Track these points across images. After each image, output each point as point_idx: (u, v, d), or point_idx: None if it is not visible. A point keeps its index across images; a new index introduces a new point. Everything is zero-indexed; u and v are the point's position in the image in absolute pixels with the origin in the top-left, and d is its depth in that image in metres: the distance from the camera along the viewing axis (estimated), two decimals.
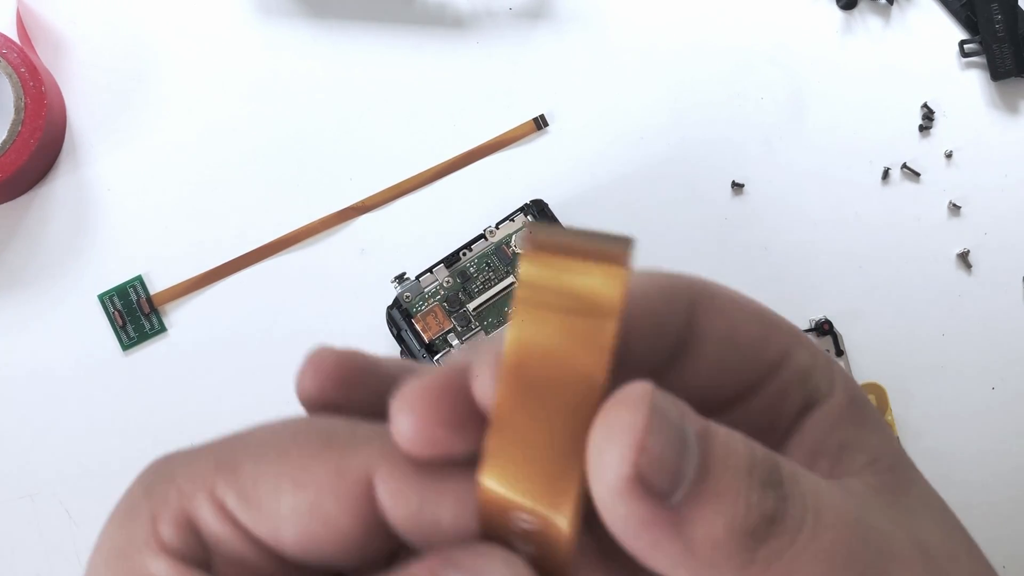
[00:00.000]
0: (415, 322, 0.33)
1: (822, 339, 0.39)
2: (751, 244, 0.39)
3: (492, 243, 0.35)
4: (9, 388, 0.37)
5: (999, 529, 0.38)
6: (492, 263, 0.34)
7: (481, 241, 0.35)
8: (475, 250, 0.35)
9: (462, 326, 0.34)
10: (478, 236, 0.35)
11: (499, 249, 0.35)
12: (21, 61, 0.37)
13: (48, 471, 0.37)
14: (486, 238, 0.35)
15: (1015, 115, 0.41)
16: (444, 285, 0.34)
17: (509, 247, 0.35)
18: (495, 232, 0.35)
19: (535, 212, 0.35)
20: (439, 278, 0.34)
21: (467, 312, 0.34)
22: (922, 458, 0.40)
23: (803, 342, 0.17)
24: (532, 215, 0.35)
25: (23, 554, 0.37)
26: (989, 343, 0.39)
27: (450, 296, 0.34)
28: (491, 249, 0.35)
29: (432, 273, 0.34)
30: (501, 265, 0.34)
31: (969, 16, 0.41)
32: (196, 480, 0.14)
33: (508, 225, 0.35)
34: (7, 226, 0.38)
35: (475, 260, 0.34)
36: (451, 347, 0.33)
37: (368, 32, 0.40)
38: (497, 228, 0.35)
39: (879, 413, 0.17)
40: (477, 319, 0.34)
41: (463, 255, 0.34)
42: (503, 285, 0.34)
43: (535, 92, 0.40)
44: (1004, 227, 0.40)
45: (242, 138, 0.39)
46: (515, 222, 0.35)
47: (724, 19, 0.41)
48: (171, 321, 0.38)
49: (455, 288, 0.34)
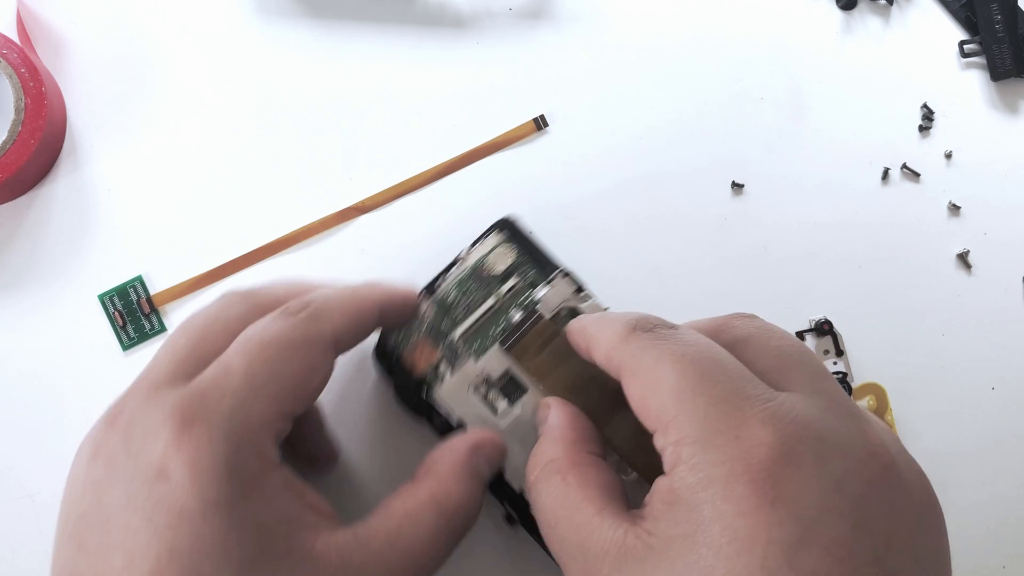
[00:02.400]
0: (403, 360, 0.33)
1: (822, 339, 0.39)
2: (751, 244, 0.39)
3: (467, 267, 0.34)
4: (9, 388, 0.37)
5: (999, 529, 0.38)
6: (470, 287, 0.34)
7: (456, 266, 0.34)
8: (451, 277, 0.34)
9: (449, 355, 0.33)
10: (452, 261, 0.34)
11: (475, 272, 0.34)
12: (21, 61, 0.37)
13: (48, 471, 0.37)
14: (460, 263, 0.34)
15: (1015, 115, 0.41)
16: (426, 316, 0.33)
17: (484, 268, 0.34)
18: (469, 256, 0.34)
19: (507, 231, 0.34)
20: (420, 310, 0.33)
21: (453, 341, 0.33)
22: (922, 458, 0.40)
23: (694, 417, 0.23)
24: (503, 234, 0.34)
25: (23, 554, 0.37)
26: (989, 343, 0.39)
27: (433, 327, 0.33)
28: (467, 273, 0.34)
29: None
30: (480, 288, 0.34)
31: (969, 16, 0.41)
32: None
33: (481, 246, 0.34)
34: (7, 226, 0.38)
35: (453, 287, 0.34)
36: (443, 379, 0.32)
37: (368, 32, 0.40)
38: (470, 251, 0.34)
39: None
40: (465, 345, 0.33)
41: (439, 284, 0.34)
42: (485, 307, 0.33)
43: (535, 92, 0.40)
44: (1004, 227, 0.40)
45: (242, 138, 0.39)
46: (487, 242, 0.34)
47: (724, 19, 0.41)
48: (171, 321, 0.38)
49: (437, 317, 0.33)
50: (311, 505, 0.27)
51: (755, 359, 0.26)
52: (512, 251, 0.34)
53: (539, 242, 0.34)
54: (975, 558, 0.38)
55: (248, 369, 0.26)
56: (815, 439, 0.23)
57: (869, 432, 0.24)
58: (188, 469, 0.24)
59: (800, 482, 0.22)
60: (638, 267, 0.39)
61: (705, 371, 0.24)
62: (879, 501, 0.22)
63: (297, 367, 0.27)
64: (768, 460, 0.22)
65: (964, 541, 0.38)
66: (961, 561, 0.38)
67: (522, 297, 0.33)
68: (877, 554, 0.22)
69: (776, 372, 0.25)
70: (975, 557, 0.38)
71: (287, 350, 0.27)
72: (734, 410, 0.23)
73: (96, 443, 0.26)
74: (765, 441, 0.22)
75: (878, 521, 0.22)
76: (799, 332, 0.39)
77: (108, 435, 0.26)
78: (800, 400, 0.24)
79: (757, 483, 0.22)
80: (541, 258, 0.34)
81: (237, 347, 0.27)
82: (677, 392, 0.24)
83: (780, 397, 0.24)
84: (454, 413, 0.32)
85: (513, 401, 0.32)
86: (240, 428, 0.25)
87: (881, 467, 0.23)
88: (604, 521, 0.25)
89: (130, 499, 0.24)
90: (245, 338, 0.28)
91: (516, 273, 0.34)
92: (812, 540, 0.21)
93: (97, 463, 0.26)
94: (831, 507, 0.22)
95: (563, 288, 0.34)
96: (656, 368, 0.25)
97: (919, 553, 0.23)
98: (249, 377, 0.26)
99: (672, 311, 0.39)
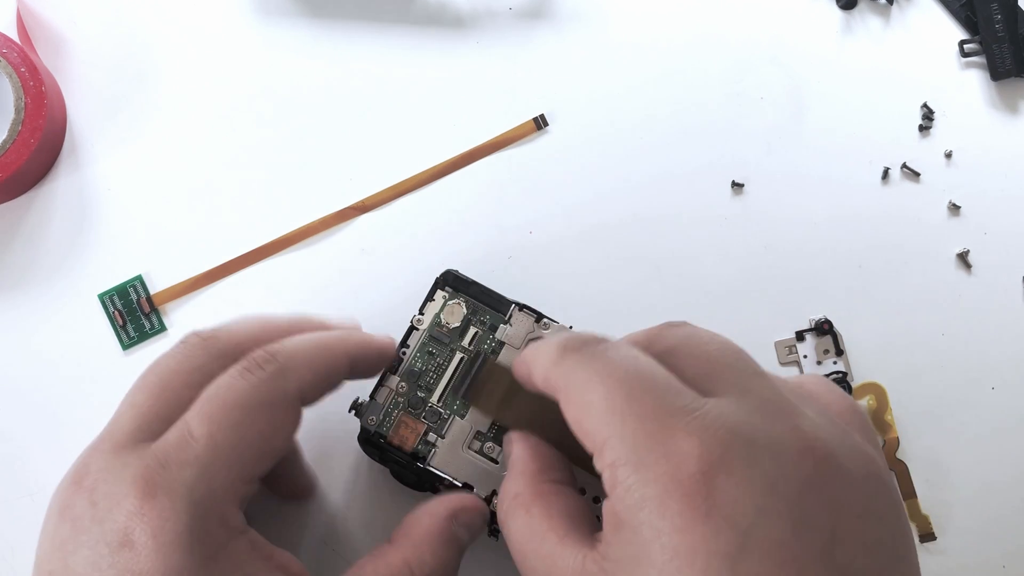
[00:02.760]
0: (391, 442, 0.32)
1: (822, 339, 0.39)
2: (751, 244, 0.39)
3: (425, 331, 0.33)
4: (9, 388, 0.37)
5: (999, 529, 0.38)
6: (434, 350, 0.33)
7: (413, 334, 0.33)
8: (412, 346, 0.33)
9: (434, 422, 0.32)
10: (409, 329, 0.33)
11: (434, 334, 0.33)
12: (21, 61, 0.37)
13: (48, 471, 0.37)
14: (416, 328, 0.33)
15: (1015, 115, 0.41)
16: (400, 392, 0.33)
17: (441, 327, 0.33)
18: (423, 319, 0.34)
19: (451, 284, 0.34)
20: (392, 386, 0.33)
21: (434, 407, 0.33)
22: (922, 458, 0.40)
23: (624, 439, 0.23)
24: (448, 288, 0.34)
25: (23, 554, 0.37)
26: (989, 343, 0.39)
27: (411, 399, 0.33)
28: (426, 338, 0.33)
29: (384, 385, 0.33)
30: (443, 348, 0.33)
31: (969, 16, 0.41)
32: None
33: (432, 305, 0.34)
34: (7, 226, 0.38)
35: (417, 355, 0.33)
36: (435, 447, 0.32)
37: (368, 32, 0.40)
38: (422, 314, 0.34)
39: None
40: (446, 408, 0.33)
41: (403, 354, 0.33)
42: (454, 365, 0.33)
43: (535, 92, 0.40)
44: (1004, 227, 0.40)
45: (242, 138, 0.39)
46: (436, 300, 0.34)
47: (724, 19, 0.41)
48: (171, 321, 0.38)
49: (411, 390, 0.33)
50: (280, 566, 0.27)
51: (685, 367, 0.26)
52: (462, 302, 0.34)
53: (484, 285, 0.34)
54: (975, 557, 0.38)
55: (211, 436, 0.26)
56: (744, 444, 0.23)
57: (802, 427, 0.24)
58: (151, 539, 0.24)
59: (732, 490, 0.22)
60: (638, 267, 0.39)
61: (631, 389, 0.24)
62: (818, 497, 0.22)
63: (262, 429, 0.27)
64: (698, 472, 0.22)
65: (964, 540, 0.38)
66: (961, 561, 0.38)
67: (486, 343, 0.33)
68: (823, 551, 0.22)
69: (705, 378, 0.25)
70: (975, 556, 0.38)
71: (251, 412, 0.27)
72: (661, 426, 0.23)
73: (63, 503, 0.26)
74: (692, 453, 0.22)
75: (819, 517, 0.22)
76: (799, 332, 0.39)
77: (74, 496, 0.26)
78: (728, 404, 0.24)
79: (689, 497, 0.22)
80: (492, 300, 0.34)
81: (200, 408, 0.27)
82: (606, 414, 0.24)
83: (707, 405, 0.24)
84: (458, 477, 0.32)
85: None
86: (203, 498, 0.25)
87: (817, 462, 0.23)
88: (566, 550, 0.25)
89: (95, 564, 0.25)
90: (207, 398, 0.27)
91: (473, 323, 0.34)
92: (752, 546, 0.21)
93: (64, 524, 0.26)
94: (767, 510, 0.22)
95: (523, 321, 0.33)
96: (585, 390, 0.25)
97: (870, 543, 0.22)
98: (212, 445, 0.26)
99: (672, 311, 0.39)
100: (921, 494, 0.38)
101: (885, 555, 0.23)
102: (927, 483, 0.38)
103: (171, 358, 0.29)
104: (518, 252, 0.39)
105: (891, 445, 0.38)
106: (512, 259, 0.39)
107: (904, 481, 0.38)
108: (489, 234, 0.39)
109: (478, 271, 0.36)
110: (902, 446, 0.38)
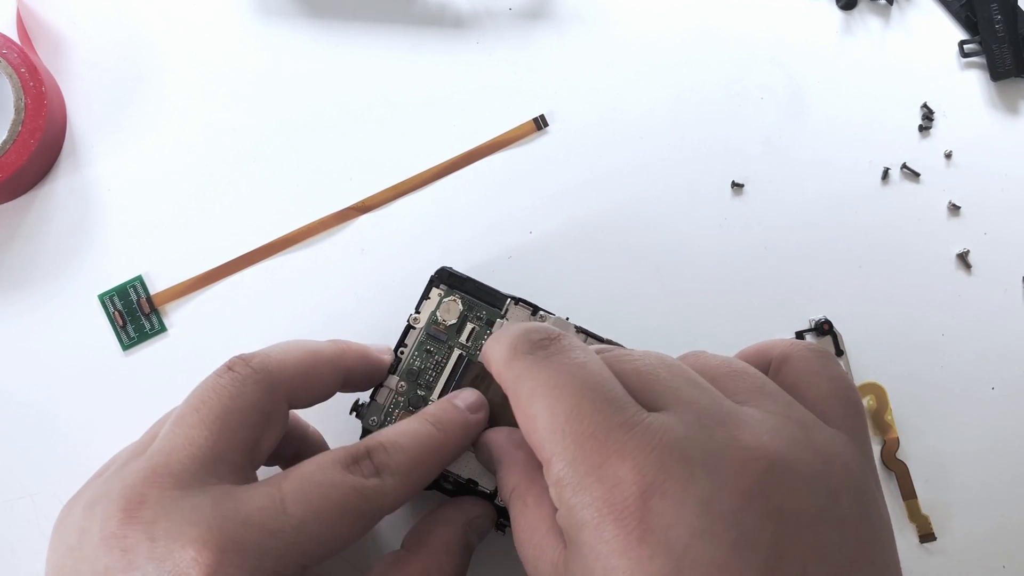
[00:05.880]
0: None
1: (822, 339, 0.39)
2: (751, 244, 0.39)
3: (422, 329, 0.33)
4: (9, 388, 0.37)
5: (999, 529, 0.38)
6: (432, 348, 0.33)
7: (410, 332, 0.33)
8: (410, 343, 0.33)
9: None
10: (406, 328, 0.34)
11: (431, 332, 0.33)
12: (21, 61, 0.37)
13: (48, 471, 0.37)
14: (413, 327, 0.33)
15: (1015, 115, 0.41)
16: (400, 391, 0.33)
17: (438, 325, 0.33)
18: (419, 318, 0.34)
19: (446, 281, 0.34)
20: (392, 386, 0.33)
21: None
22: (922, 458, 0.40)
23: (564, 458, 0.23)
24: (443, 285, 0.34)
25: (23, 554, 0.37)
26: (989, 343, 0.39)
27: (411, 398, 0.33)
28: (423, 336, 0.33)
29: (384, 386, 0.33)
30: (441, 345, 0.33)
31: (969, 16, 0.41)
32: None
33: (428, 303, 0.34)
34: (7, 226, 0.38)
35: (415, 354, 0.33)
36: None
37: (368, 32, 0.40)
38: (419, 312, 0.34)
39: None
40: None
41: (401, 354, 0.33)
42: (453, 362, 0.33)
43: (535, 92, 0.40)
44: (1004, 227, 0.40)
45: (242, 138, 0.39)
46: (432, 298, 0.34)
47: (724, 19, 0.41)
48: (171, 321, 0.38)
49: (411, 389, 0.33)
50: None
51: (627, 380, 0.25)
52: (457, 299, 0.34)
53: (480, 280, 0.34)
54: (975, 557, 0.38)
55: (304, 521, 0.25)
56: (679, 462, 0.22)
57: (742, 437, 0.23)
58: None
59: (666, 511, 0.21)
60: (638, 267, 0.39)
61: (574, 405, 0.24)
62: (760, 509, 0.22)
63: (346, 535, 0.26)
64: (631, 496, 0.22)
65: (964, 541, 0.38)
66: (961, 560, 0.38)
67: (484, 338, 0.33)
68: (767, 566, 0.21)
69: (646, 391, 0.25)
70: (975, 556, 0.38)
71: (346, 518, 0.26)
72: (599, 446, 0.23)
73: (110, 531, 0.25)
74: (626, 478, 0.22)
75: (761, 533, 0.21)
76: (799, 332, 0.39)
77: (127, 527, 0.25)
78: (668, 419, 0.23)
79: (622, 522, 0.22)
80: (488, 295, 0.34)
81: (300, 488, 0.26)
82: (549, 432, 0.24)
83: (647, 420, 0.23)
84: (462, 474, 0.32)
85: None
86: (269, 571, 0.25)
87: (758, 473, 0.22)
88: (551, 540, 0.25)
89: None
90: (310, 481, 0.26)
91: (469, 318, 0.34)
92: (687, 568, 0.21)
93: (112, 553, 0.25)
94: (702, 530, 0.21)
95: (519, 315, 0.34)
96: (531, 402, 0.25)
97: (825, 549, 0.22)
98: (302, 530, 0.25)
99: (672, 311, 0.39)
100: (921, 494, 0.38)
101: (845, 561, 0.22)
102: (927, 483, 0.38)
103: (224, 391, 0.28)
104: (518, 252, 0.39)
105: (891, 445, 0.38)
106: (512, 259, 0.39)
107: (904, 481, 0.38)
108: (489, 234, 0.39)
109: (478, 271, 0.36)
110: (902, 446, 0.38)
